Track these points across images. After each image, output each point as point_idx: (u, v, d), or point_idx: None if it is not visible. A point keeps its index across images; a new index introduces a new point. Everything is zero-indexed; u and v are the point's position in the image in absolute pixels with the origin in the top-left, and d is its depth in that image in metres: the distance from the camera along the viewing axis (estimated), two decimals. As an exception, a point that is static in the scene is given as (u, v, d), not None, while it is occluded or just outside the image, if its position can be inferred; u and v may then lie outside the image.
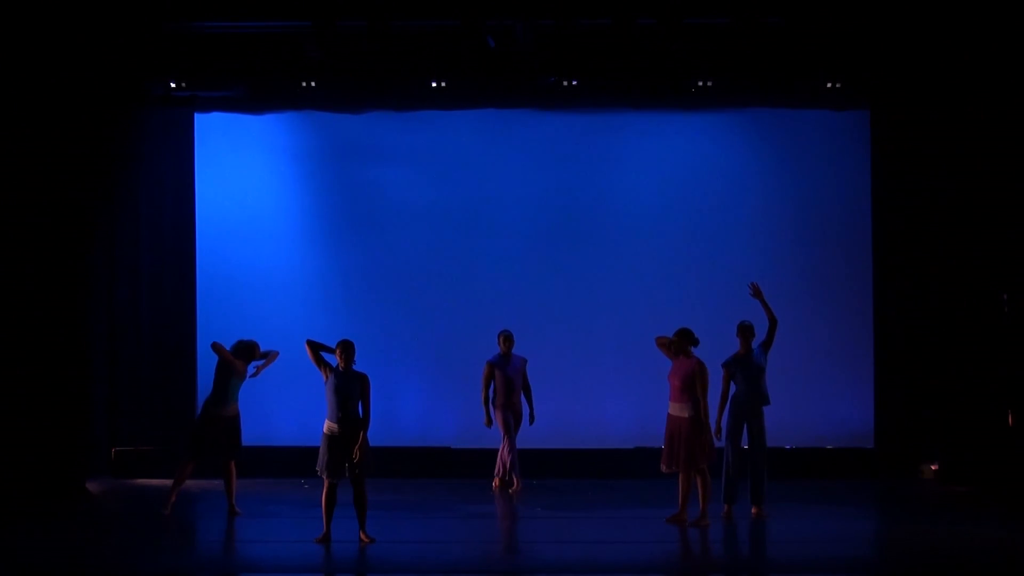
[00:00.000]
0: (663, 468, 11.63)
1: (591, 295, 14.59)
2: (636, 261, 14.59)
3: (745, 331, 12.01)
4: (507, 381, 13.35)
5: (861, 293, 14.60)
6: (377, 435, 11.29)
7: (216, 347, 12.14)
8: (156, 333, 14.66)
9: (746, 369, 11.93)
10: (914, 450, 14.30)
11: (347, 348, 10.61)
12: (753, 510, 11.89)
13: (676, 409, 11.50)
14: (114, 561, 10.25)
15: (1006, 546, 10.66)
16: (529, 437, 13.65)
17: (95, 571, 9.98)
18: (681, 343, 11.57)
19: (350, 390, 10.58)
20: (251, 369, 12.20)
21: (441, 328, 14.62)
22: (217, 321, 14.42)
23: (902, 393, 14.35)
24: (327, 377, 10.65)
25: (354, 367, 10.64)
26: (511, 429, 13.38)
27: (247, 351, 12.17)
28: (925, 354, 14.12)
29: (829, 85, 14.02)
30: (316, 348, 10.75)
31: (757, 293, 11.96)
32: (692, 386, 11.42)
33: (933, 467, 14.00)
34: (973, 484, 13.44)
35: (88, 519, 12.19)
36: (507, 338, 13.41)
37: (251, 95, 14.46)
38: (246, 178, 14.76)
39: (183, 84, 14.06)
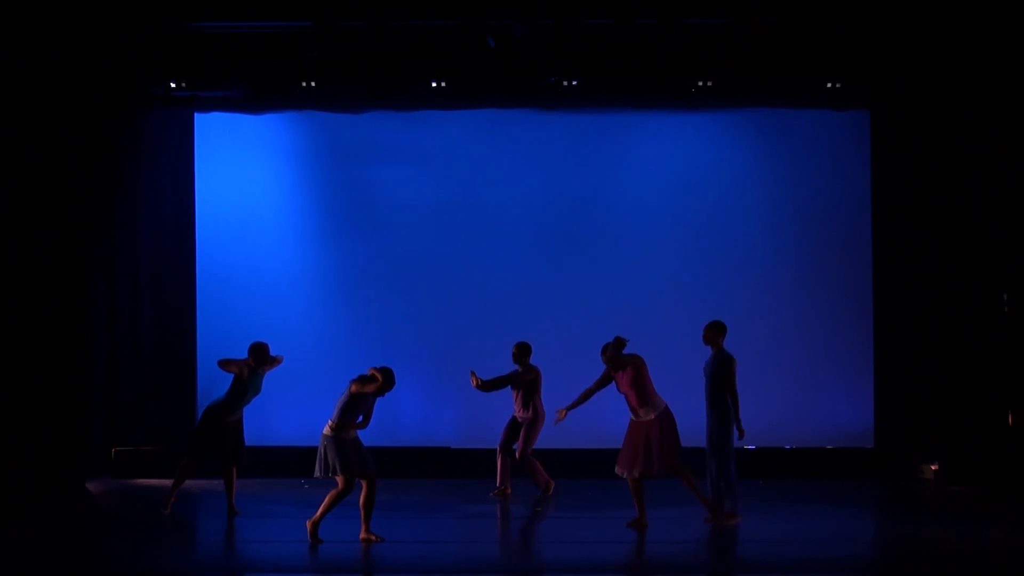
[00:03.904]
0: (618, 471, 11.27)
1: (590, 294, 14.58)
2: (635, 260, 14.60)
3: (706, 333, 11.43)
4: None
5: (861, 293, 14.60)
6: (377, 435, 11.31)
7: (223, 364, 12.03)
8: (156, 333, 14.66)
9: (706, 374, 11.44)
10: (914, 450, 14.31)
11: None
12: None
13: (642, 413, 11.23)
14: (114, 561, 10.23)
15: (1006, 546, 10.65)
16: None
17: (95, 571, 9.96)
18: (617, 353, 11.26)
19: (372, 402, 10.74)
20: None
21: (440, 328, 14.62)
22: (217, 321, 14.45)
23: (902, 393, 14.36)
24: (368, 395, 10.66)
25: None
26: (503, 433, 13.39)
27: (260, 353, 11.96)
28: (925, 354, 14.11)
29: (829, 85, 14.03)
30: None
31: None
32: (643, 389, 11.22)
33: (933, 467, 13.99)
34: (973, 484, 13.44)
35: (88, 519, 12.19)
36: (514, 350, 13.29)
37: (251, 95, 14.46)
38: (246, 178, 14.76)
39: (183, 84, 14.06)
